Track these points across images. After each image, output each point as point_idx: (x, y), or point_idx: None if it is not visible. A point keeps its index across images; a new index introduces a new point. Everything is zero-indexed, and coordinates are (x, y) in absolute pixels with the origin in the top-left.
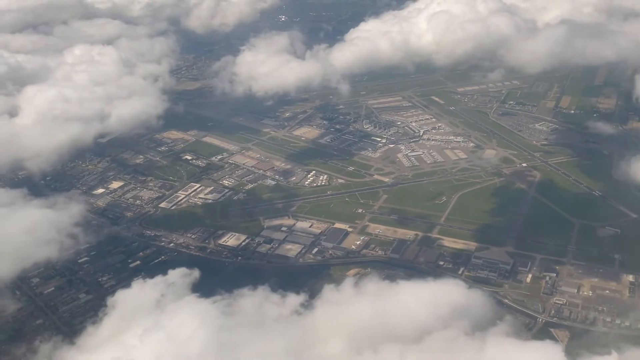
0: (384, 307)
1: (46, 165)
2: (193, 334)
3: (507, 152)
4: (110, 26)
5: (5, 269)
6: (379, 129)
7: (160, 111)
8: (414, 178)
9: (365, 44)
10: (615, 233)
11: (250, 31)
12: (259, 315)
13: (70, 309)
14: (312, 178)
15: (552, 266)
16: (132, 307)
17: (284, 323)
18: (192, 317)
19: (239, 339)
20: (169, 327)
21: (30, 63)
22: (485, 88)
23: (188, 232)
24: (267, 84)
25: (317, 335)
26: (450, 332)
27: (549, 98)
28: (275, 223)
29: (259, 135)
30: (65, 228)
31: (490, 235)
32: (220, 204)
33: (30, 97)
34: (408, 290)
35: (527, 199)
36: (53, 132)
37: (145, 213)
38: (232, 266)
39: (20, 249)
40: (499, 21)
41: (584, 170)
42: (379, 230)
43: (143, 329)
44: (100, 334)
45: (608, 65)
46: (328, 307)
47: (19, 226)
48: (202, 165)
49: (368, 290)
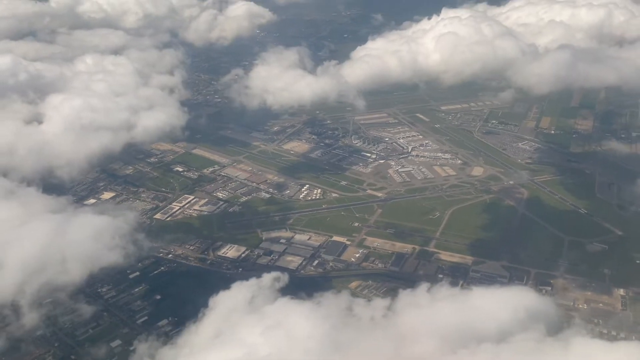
0: (464, 310)
1: (74, 174)
2: (309, 333)
3: (494, 170)
4: (114, 36)
5: (76, 273)
6: (368, 144)
7: (183, 122)
8: (407, 193)
9: (374, 61)
10: (603, 249)
11: (250, 46)
12: (352, 317)
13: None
14: (306, 191)
15: (546, 280)
16: (231, 307)
17: (377, 324)
18: (300, 317)
19: (347, 339)
20: (285, 326)
21: (49, 71)
22: (468, 107)
23: (186, 243)
24: (283, 98)
25: (407, 337)
26: (532, 334)
27: (529, 118)
28: (273, 235)
29: (249, 148)
30: (127, 234)
31: (485, 250)
32: (216, 216)
33: (56, 105)
34: (481, 296)
35: (517, 215)
36: (81, 140)
37: (142, 224)
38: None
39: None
40: (504, 44)
41: (568, 188)
42: (377, 243)
43: (263, 327)
44: (203, 334)
45: (604, 88)
46: (410, 310)
47: (82, 232)
48: (194, 177)
49: (442, 295)
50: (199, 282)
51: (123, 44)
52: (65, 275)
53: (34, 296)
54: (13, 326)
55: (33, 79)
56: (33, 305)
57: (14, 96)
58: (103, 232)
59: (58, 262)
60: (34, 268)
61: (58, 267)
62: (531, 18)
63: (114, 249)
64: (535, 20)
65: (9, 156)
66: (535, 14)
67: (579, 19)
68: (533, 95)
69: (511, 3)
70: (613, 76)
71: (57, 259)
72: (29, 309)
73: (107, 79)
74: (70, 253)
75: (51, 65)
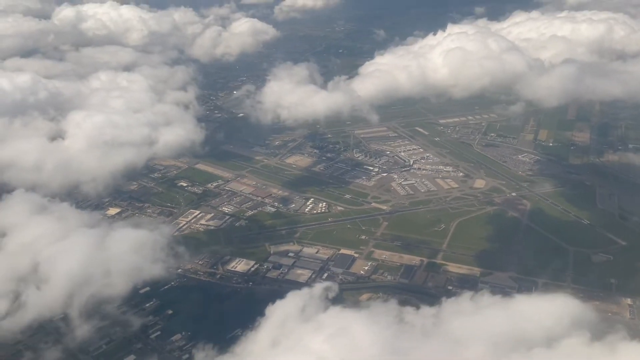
0: (510, 317)
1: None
2: (371, 340)
3: (495, 182)
4: (123, 53)
5: (120, 287)
6: (369, 158)
7: (202, 138)
8: (411, 206)
9: (385, 76)
10: (608, 259)
11: (248, 62)
12: (404, 324)
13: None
14: (311, 205)
15: (554, 290)
16: (286, 316)
17: (428, 332)
18: (358, 325)
19: (405, 346)
20: (347, 334)
21: (66, 89)
22: (466, 120)
23: (195, 257)
24: (298, 112)
25: (460, 343)
26: (578, 339)
27: (527, 131)
28: (281, 249)
29: (251, 162)
30: (164, 247)
31: (492, 261)
32: (222, 230)
33: (78, 122)
34: (524, 303)
35: (521, 226)
36: (105, 156)
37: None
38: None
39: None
40: (511, 58)
41: (570, 199)
42: (385, 256)
43: (325, 335)
44: (261, 342)
45: (599, 101)
46: (458, 318)
47: (122, 246)
48: (199, 192)
49: (485, 303)
50: (210, 297)
51: (132, 61)
52: (110, 288)
53: (82, 309)
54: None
55: (52, 96)
56: (82, 318)
57: (35, 113)
58: (143, 246)
59: (102, 275)
60: (79, 281)
61: (103, 281)
62: (532, 33)
63: (156, 262)
64: (537, 36)
65: (35, 172)
66: (536, 29)
67: (580, 34)
68: (543, 107)
69: (511, 19)
70: (619, 89)
71: (100, 272)
72: (78, 321)
73: (124, 95)
74: (113, 266)
75: (68, 83)
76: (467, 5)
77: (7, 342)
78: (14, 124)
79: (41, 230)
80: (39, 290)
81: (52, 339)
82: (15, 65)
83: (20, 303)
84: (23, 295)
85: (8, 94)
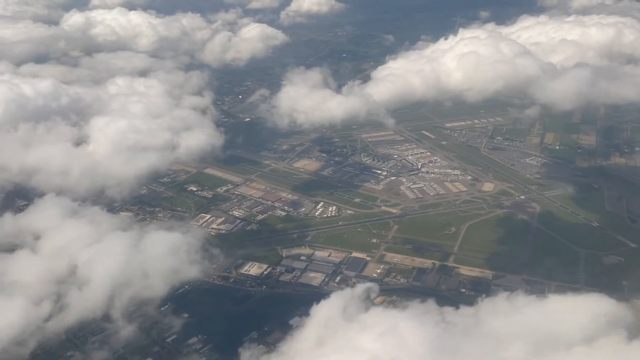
0: (547, 317)
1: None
2: (420, 339)
3: (504, 185)
4: (137, 59)
5: (159, 289)
6: (377, 161)
7: (222, 143)
8: (421, 209)
9: (399, 80)
10: (619, 261)
11: (261, 67)
12: (446, 324)
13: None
14: (321, 209)
15: (567, 292)
16: (330, 316)
17: (470, 330)
18: (405, 324)
19: (452, 344)
20: (395, 332)
21: (86, 94)
22: (472, 124)
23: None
24: (315, 117)
25: (503, 342)
26: (615, 338)
27: (533, 134)
28: (293, 252)
29: (260, 167)
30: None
31: (504, 264)
32: (233, 234)
33: (101, 127)
34: (559, 303)
35: (531, 229)
36: (130, 161)
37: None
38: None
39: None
40: (524, 62)
41: (578, 202)
42: (397, 259)
43: (376, 334)
44: (307, 340)
45: (603, 105)
46: (497, 317)
47: (158, 248)
48: (209, 196)
49: (521, 303)
50: (224, 300)
51: (146, 67)
52: (150, 290)
53: (123, 310)
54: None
55: (73, 101)
56: (124, 319)
57: (58, 119)
58: (179, 248)
59: (142, 277)
60: (119, 283)
61: (143, 282)
62: (542, 37)
63: (193, 263)
64: (547, 40)
65: (61, 177)
66: (545, 33)
67: (589, 38)
68: (557, 110)
69: (520, 23)
70: (632, 93)
71: (139, 274)
72: (122, 322)
73: (142, 100)
74: (152, 268)
75: (87, 88)
76: (471, 10)
77: (52, 344)
78: (38, 129)
79: (75, 233)
80: (81, 292)
81: (99, 340)
82: (30, 71)
83: (62, 305)
84: (66, 297)
85: (31, 100)
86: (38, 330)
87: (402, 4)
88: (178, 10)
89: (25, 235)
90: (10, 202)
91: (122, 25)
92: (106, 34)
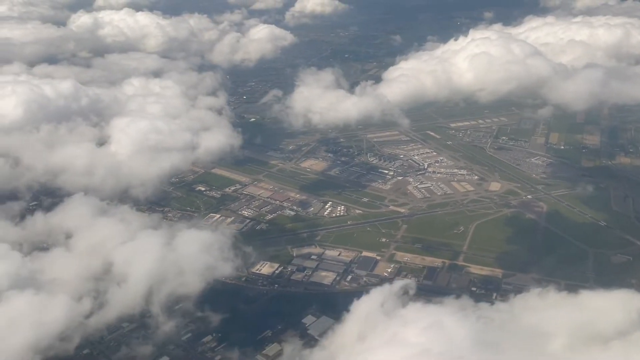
0: (581, 311)
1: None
2: (463, 333)
3: (511, 185)
4: (149, 60)
5: (195, 285)
6: (384, 161)
7: (240, 142)
8: (429, 209)
9: (411, 81)
10: (628, 260)
11: (273, 67)
12: (484, 318)
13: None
14: (330, 209)
15: (578, 291)
16: (370, 311)
17: (508, 325)
18: (447, 318)
19: (494, 339)
20: (439, 326)
21: (105, 95)
22: (476, 124)
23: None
24: (330, 117)
25: (543, 336)
26: None
27: (537, 134)
28: (303, 252)
29: (267, 167)
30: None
31: (514, 263)
32: (243, 233)
33: (123, 127)
34: (592, 299)
35: (539, 228)
36: (153, 161)
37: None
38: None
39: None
40: (536, 62)
41: (585, 202)
42: (407, 258)
43: (421, 328)
44: (349, 335)
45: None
46: (533, 312)
47: (191, 246)
48: (217, 196)
49: (553, 299)
50: (237, 299)
51: (159, 67)
52: (185, 287)
53: (162, 307)
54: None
55: (93, 102)
56: (163, 315)
57: (78, 119)
58: (211, 246)
59: (177, 274)
60: (156, 280)
61: (177, 280)
62: (550, 38)
63: (226, 261)
64: (555, 40)
65: (86, 177)
66: (553, 34)
67: (598, 39)
68: (562, 110)
69: (527, 24)
70: None
71: (174, 271)
72: (162, 319)
73: (159, 101)
74: (186, 266)
75: (106, 89)
76: (473, 10)
77: (95, 339)
78: (60, 130)
79: (107, 231)
80: (120, 288)
81: (141, 336)
82: (44, 72)
83: (101, 301)
84: (105, 294)
85: (53, 101)
86: (80, 326)
87: (404, 5)
88: (183, 11)
89: (56, 233)
90: (38, 202)
91: (130, 26)
92: (115, 35)
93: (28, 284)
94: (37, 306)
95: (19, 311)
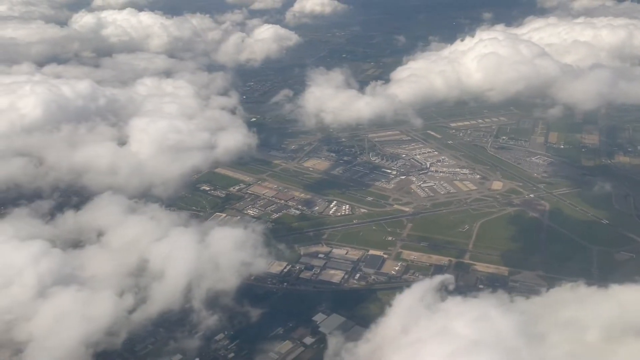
0: (614, 305)
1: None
2: (507, 325)
3: (513, 184)
4: (157, 60)
5: (230, 281)
6: (386, 161)
7: (255, 141)
8: (433, 208)
9: (420, 80)
10: (631, 257)
11: (278, 67)
12: (519, 312)
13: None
14: (334, 207)
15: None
16: (411, 305)
17: (545, 318)
18: (490, 312)
19: (536, 331)
20: (487, 318)
21: (121, 95)
22: (476, 124)
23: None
24: (343, 117)
25: (580, 328)
26: None
27: (537, 134)
28: (311, 250)
29: (270, 166)
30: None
31: (519, 260)
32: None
33: (142, 127)
34: (621, 293)
35: (542, 226)
36: (171, 161)
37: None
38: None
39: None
40: (544, 63)
41: (586, 200)
42: (414, 256)
43: (468, 321)
44: (391, 329)
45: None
46: (567, 305)
47: (224, 244)
48: (222, 195)
49: (584, 293)
50: (247, 297)
51: (167, 67)
52: (221, 283)
53: (201, 302)
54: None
55: (110, 102)
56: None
57: (97, 119)
58: (243, 243)
59: (212, 271)
60: (194, 276)
61: (213, 276)
62: (553, 39)
63: (259, 258)
64: (559, 41)
65: (110, 176)
66: (557, 34)
67: (601, 39)
68: (579, 110)
69: (529, 24)
70: None
71: (210, 268)
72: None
73: (175, 101)
74: (220, 263)
75: (121, 89)
76: (472, 11)
77: (140, 334)
78: (80, 129)
79: (139, 229)
80: (159, 284)
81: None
82: (54, 72)
83: (142, 297)
84: (145, 290)
85: (71, 101)
86: (125, 321)
87: (403, 5)
88: (183, 11)
89: (88, 231)
90: (66, 200)
91: (133, 26)
92: (118, 35)
93: (71, 280)
94: (83, 302)
95: (66, 307)
